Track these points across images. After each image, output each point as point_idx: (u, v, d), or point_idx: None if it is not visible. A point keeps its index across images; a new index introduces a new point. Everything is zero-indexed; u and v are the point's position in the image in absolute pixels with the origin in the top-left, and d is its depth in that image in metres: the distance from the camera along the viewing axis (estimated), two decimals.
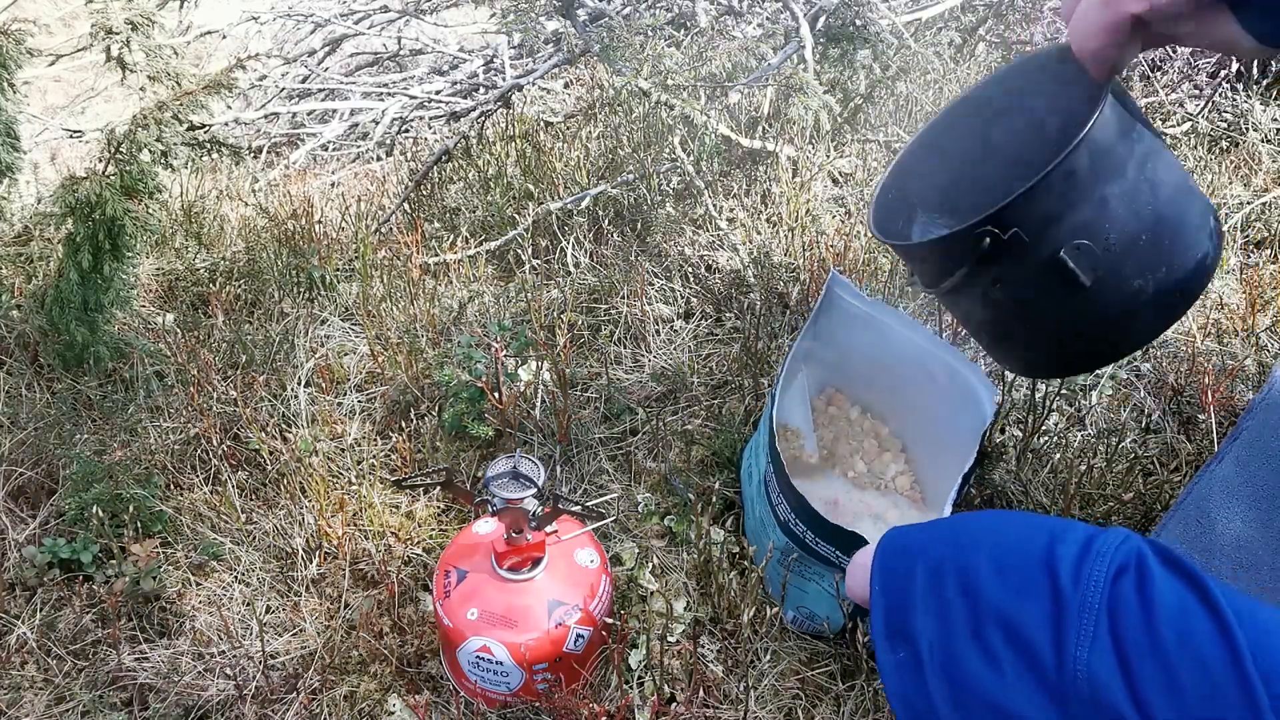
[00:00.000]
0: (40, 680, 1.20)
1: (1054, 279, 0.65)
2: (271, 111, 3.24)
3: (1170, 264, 0.66)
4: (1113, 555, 0.48)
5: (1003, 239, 0.64)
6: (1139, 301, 0.66)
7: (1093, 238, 0.64)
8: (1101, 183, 0.63)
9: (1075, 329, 0.70)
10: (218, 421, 1.54)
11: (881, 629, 0.56)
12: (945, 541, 0.56)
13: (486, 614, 1.07)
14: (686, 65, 2.04)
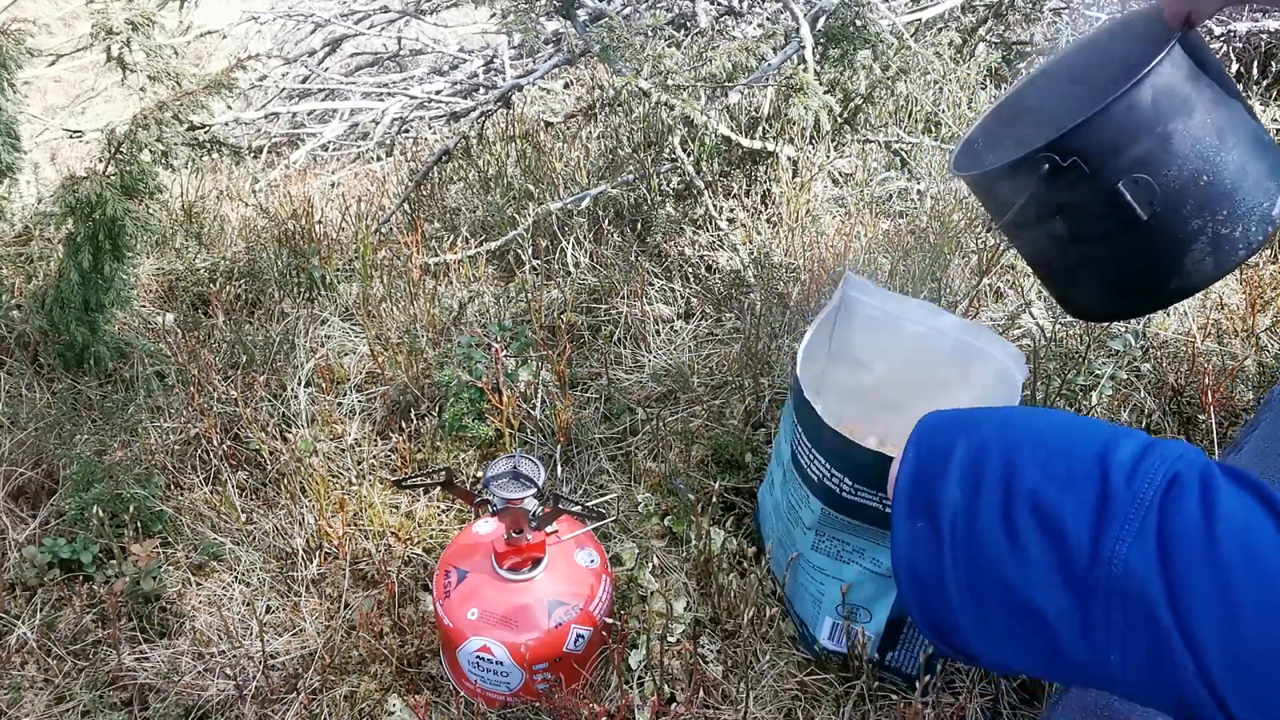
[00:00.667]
0: (40, 680, 1.20)
1: (1112, 211, 0.66)
2: (271, 111, 3.24)
3: (1233, 209, 0.66)
4: (1174, 462, 0.46)
5: (1062, 166, 0.64)
6: (1197, 241, 0.67)
7: (1152, 173, 0.65)
8: (1165, 119, 0.64)
9: (1131, 264, 0.70)
10: (218, 421, 1.54)
11: (906, 495, 0.54)
12: (993, 423, 0.54)
13: (486, 614, 1.07)
14: (686, 65, 2.04)
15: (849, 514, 1.03)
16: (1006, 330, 1.72)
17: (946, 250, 1.89)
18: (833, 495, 1.03)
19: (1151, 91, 0.63)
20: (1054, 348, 1.67)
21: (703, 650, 1.19)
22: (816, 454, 1.04)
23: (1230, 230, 0.67)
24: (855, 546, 1.06)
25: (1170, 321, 1.78)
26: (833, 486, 1.02)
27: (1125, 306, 0.75)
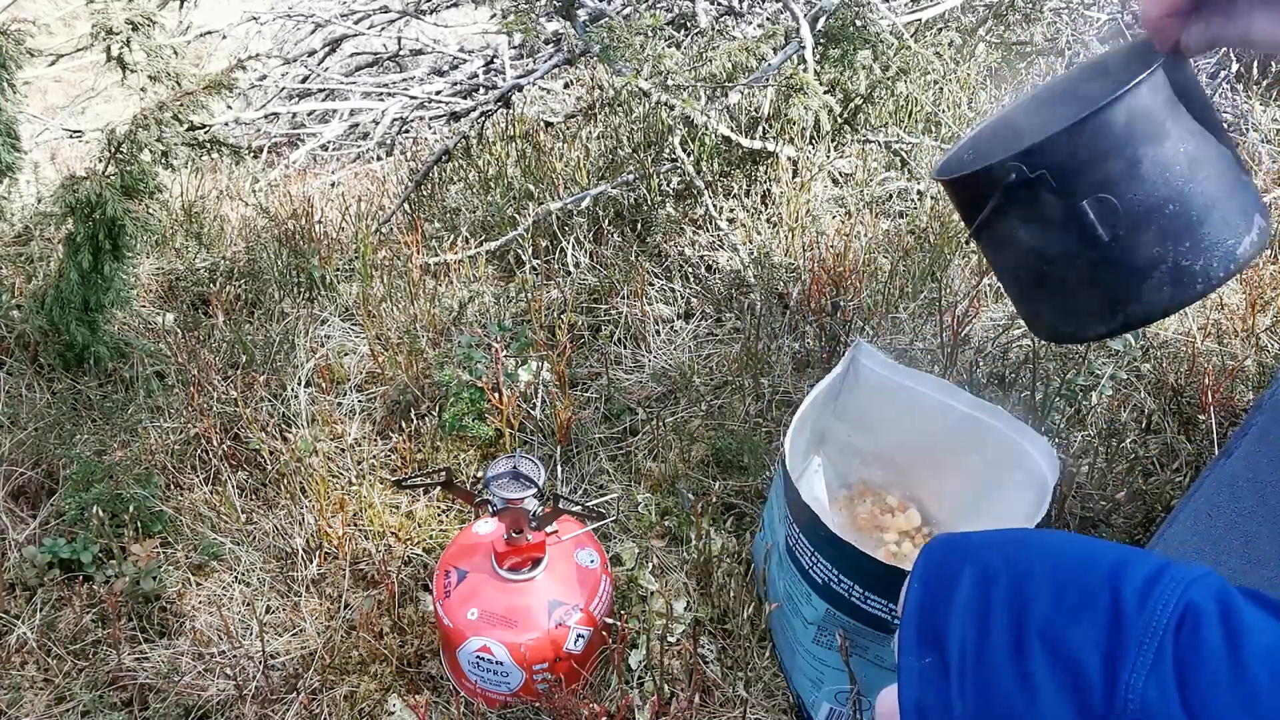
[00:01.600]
0: (40, 680, 1.19)
1: (1075, 228, 0.66)
2: (271, 111, 3.24)
3: (1197, 241, 0.66)
4: (1187, 586, 0.44)
5: (1029, 177, 0.65)
6: (1157, 269, 0.67)
7: (1118, 194, 0.65)
8: (1137, 143, 0.64)
9: (1089, 285, 0.70)
10: (218, 421, 1.54)
11: (913, 628, 0.52)
12: (1001, 550, 0.52)
13: (486, 614, 1.07)
14: (686, 65, 2.04)
15: (856, 618, 1.00)
16: (1006, 330, 1.72)
17: (946, 250, 1.89)
18: (841, 600, 1.00)
19: (1126, 114, 0.64)
20: (1054, 348, 1.67)
21: (703, 650, 1.19)
22: (820, 557, 1.01)
23: (1191, 263, 0.66)
24: (859, 643, 1.04)
25: (1170, 321, 1.78)
26: (841, 592, 1.00)
27: (1083, 327, 0.73)
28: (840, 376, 1.22)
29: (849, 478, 1.33)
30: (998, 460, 1.11)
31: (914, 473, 1.27)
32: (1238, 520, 0.90)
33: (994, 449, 1.12)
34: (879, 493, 1.30)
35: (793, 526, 1.05)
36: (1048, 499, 0.98)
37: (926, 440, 1.20)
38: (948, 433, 1.16)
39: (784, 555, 1.09)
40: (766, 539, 1.19)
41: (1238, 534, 0.89)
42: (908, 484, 1.29)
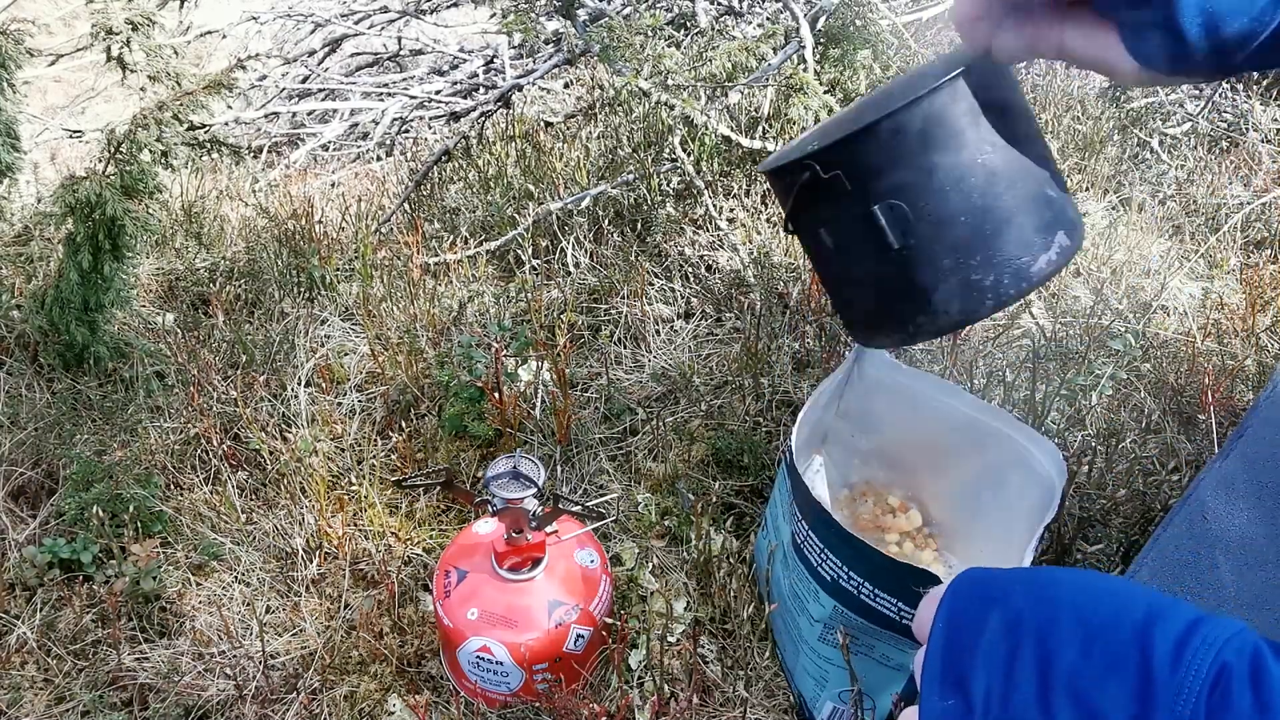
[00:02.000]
0: (40, 680, 1.19)
1: (869, 233, 0.65)
2: (271, 111, 3.25)
3: (989, 257, 0.65)
4: (1222, 646, 0.43)
5: (823, 177, 0.64)
6: (947, 281, 0.65)
7: (910, 202, 0.63)
8: (931, 151, 0.62)
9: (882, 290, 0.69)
10: (218, 421, 1.54)
11: (937, 668, 0.51)
12: (1028, 593, 0.51)
13: (486, 614, 1.07)
14: (686, 65, 2.04)
15: (864, 615, 1.00)
16: (1006, 329, 1.72)
17: None
18: (850, 597, 1.00)
19: (921, 121, 0.62)
20: (1054, 347, 1.67)
21: (702, 650, 1.19)
22: (829, 554, 1.01)
23: (982, 277, 0.65)
24: (865, 642, 1.03)
25: (1170, 321, 1.78)
26: (850, 589, 0.99)
27: (882, 333, 0.72)
28: (844, 375, 1.21)
29: (851, 477, 1.33)
30: (1001, 462, 1.11)
31: (916, 473, 1.27)
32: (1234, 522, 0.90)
33: (997, 451, 1.11)
34: (880, 493, 1.30)
35: (800, 524, 1.05)
36: (1055, 503, 0.98)
37: (929, 441, 1.20)
38: (951, 434, 1.16)
39: (790, 553, 1.09)
40: (770, 538, 1.19)
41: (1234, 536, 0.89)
42: (909, 484, 1.29)
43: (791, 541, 1.08)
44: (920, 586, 0.91)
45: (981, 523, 1.18)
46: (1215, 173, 2.34)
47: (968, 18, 0.56)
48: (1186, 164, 2.44)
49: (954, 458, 1.19)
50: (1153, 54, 0.50)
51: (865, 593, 0.97)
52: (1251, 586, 0.87)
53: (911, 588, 0.92)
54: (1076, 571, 0.52)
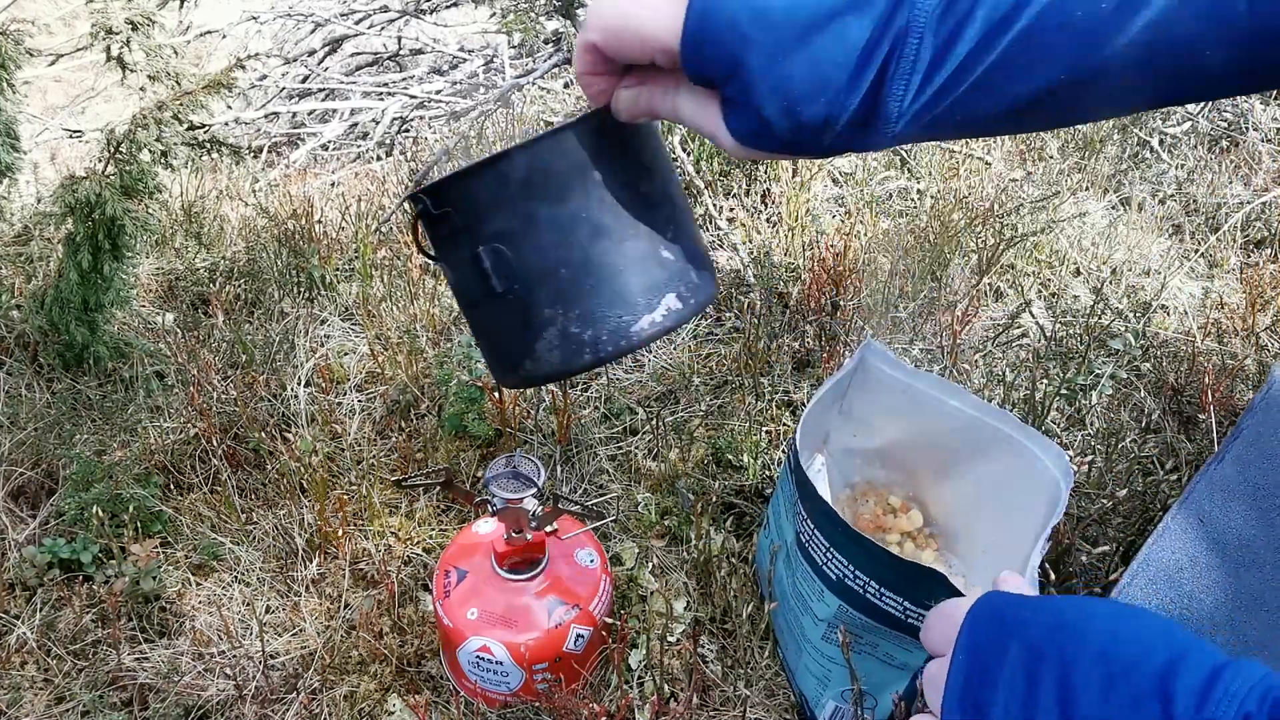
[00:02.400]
0: (40, 680, 1.20)
1: (477, 275, 0.65)
2: (271, 111, 3.25)
3: (586, 311, 0.64)
4: (1244, 698, 0.42)
5: (433, 213, 0.64)
6: (548, 330, 0.65)
7: (513, 249, 0.63)
8: (534, 200, 0.62)
9: (493, 334, 0.69)
10: (218, 421, 1.54)
11: (956, 699, 0.51)
12: (1048, 624, 0.50)
13: (486, 614, 1.07)
14: None
15: (870, 615, 1.00)
16: (1006, 329, 1.72)
17: (946, 250, 1.89)
18: (855, 596, 1.00)
19: (525, 169, 0.61)
20: (1054, 347, 1.67)
21: (702, 650, 1.19)
22: (835, 553, 1.00)
23: (580, 331, 0.65)
24: (868, 641, 1.03)
25: (1170, 321, 1.78)
26: (856, 588, 0.99)
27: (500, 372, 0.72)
28: (848, 375, 1.21)
29: (852, 477, 1.33)
30: (1004, 464, 1.11)
31: (917, 474, 1.27)
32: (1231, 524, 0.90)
33: (1000, 453, 1.11)
34: (881, 493, 1.30)
35: (805, 522, 1.05)
36: (1060, 505, 0.98)
37: (931, 441, 1.20)
38: (953, 435, 1.16)
39: (795, 552, 1.09)
40: (773, 538, 1.19)
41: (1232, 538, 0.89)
42: (911, 485, 1.29)
43: (796, 540, 1.08)
44: (930, 598, 0.91)
45: (983, 524, 1.18)
46: (1215, 172, 2.34)
47: (585, 73, 0.56)
48: (1186, 163, 2.44)
49: (956, 459, 1.19)
50: (743, 132, 0.50)
51: (871, 592, 0.97)
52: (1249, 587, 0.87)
53: (918, 588, 0.92)
54: (1098, 602, 0.51)
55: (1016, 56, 0.44)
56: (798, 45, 0.46)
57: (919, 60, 0.45)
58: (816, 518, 1.02)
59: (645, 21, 0.49)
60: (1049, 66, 0.44)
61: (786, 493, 1.13)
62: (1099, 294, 1.81)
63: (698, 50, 0.48)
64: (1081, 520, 1.19)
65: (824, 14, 0.45)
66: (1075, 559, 1.21)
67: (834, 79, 0.46)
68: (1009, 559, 1.06)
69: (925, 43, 0.45)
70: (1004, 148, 2.41)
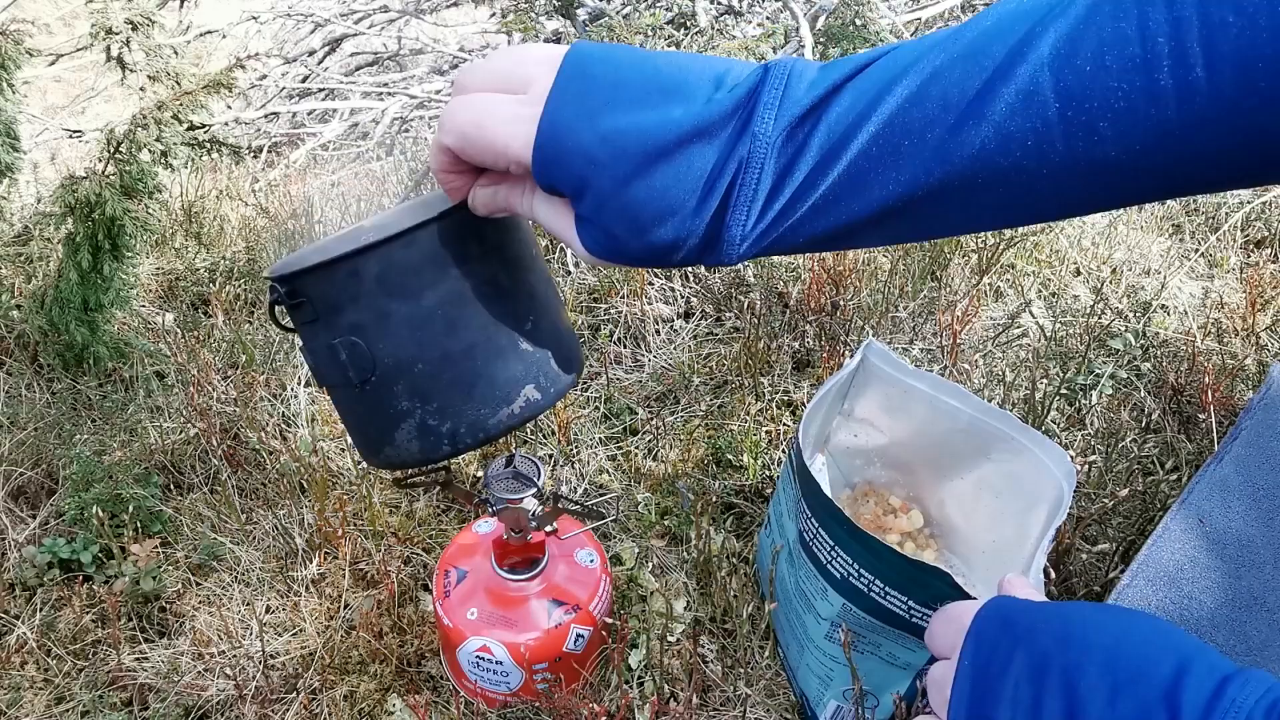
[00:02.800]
0: (40, 680, 1.20)
1: (334, 363, 0.65)
2: (271, 111, 3.25)
3: (443, 405, 0.65)
4: (1250, 709, 0.43)
5: (289, 303, 0.64)
6: (407, 421, 0.66)
7: (369, 342, 0.64)
8: (388, 296, 0.62)
9: (352, 419, 0.70)
10: (218, 421, 1.54)
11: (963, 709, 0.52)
12: (1054, 634, 0.50)
13: (486, 614, 1.07)
14: None
15: (874, 614, 0.99)
16: (1006, 329, 1.72)
17: (946, 249, 1.89)
18: (861, 596, 0.99)
19: (378, 265, 0.61)
20: (1054, 347, 1.67)
21: (702, 650, 1.19)
22: (840, 552, 1.00)
23: (438, 424, 0.66)
24: (871, 641, 1.03)
25: (1170, 321, 1.78)
26: (860, 587, 0.99)
27: (364, 453, 0.72)
28: (850, 375, 1.21)
29: (853, 478, 1.33)
30: (1006, 465, 1.10)
31: (918, 474, 1.27)
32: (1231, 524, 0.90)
33: (1002, 454, 1.11)
34: (882, 493, 1.30)
35: (809, 521, 1.04)
36: (1064, 506, 0.97)
37: (933, 442, 1.20)
38: (955, 435, 1.16)
39: (797, 551, 1.08)
40: (774, 538, 1.19)
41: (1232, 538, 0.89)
42: (911, 485, 1.29)
43: (799, 539, 1.08)
44: (935, 597, 0.91)
45: (984, 524, 1.18)
46: None
47: (441, 171, 0.56)
48: None
49: (957, 459, 1.19)
50: (595, 246, 0.51)
51: (876, 591, 0.96)
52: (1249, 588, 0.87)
53: (923, 587, 0.92)
54: (1104, 609, 0.52)
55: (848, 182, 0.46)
56: (646, 172, 0.47)
57: (759, 187, 0.47)
58: (821, 516, 1.02)
59: (498, 134, 0.50)
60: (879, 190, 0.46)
61: (789, 492, 1.13)
62: (1099, 294, 1.81)
63: (548, 169, 0.49)
64: (1081, 520, 1.19)
65: (672, 142, 0.47)
66: (1075, 559, 1.21)
67: (681, 205, 0.48)
68: (1010, 559, 1.06)
69: (766, 170, 0.47)
70: None
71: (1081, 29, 0.40)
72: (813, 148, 0.46)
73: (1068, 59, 0.40)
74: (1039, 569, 0.90)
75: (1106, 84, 0.40)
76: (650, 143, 0.46)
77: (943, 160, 0.44)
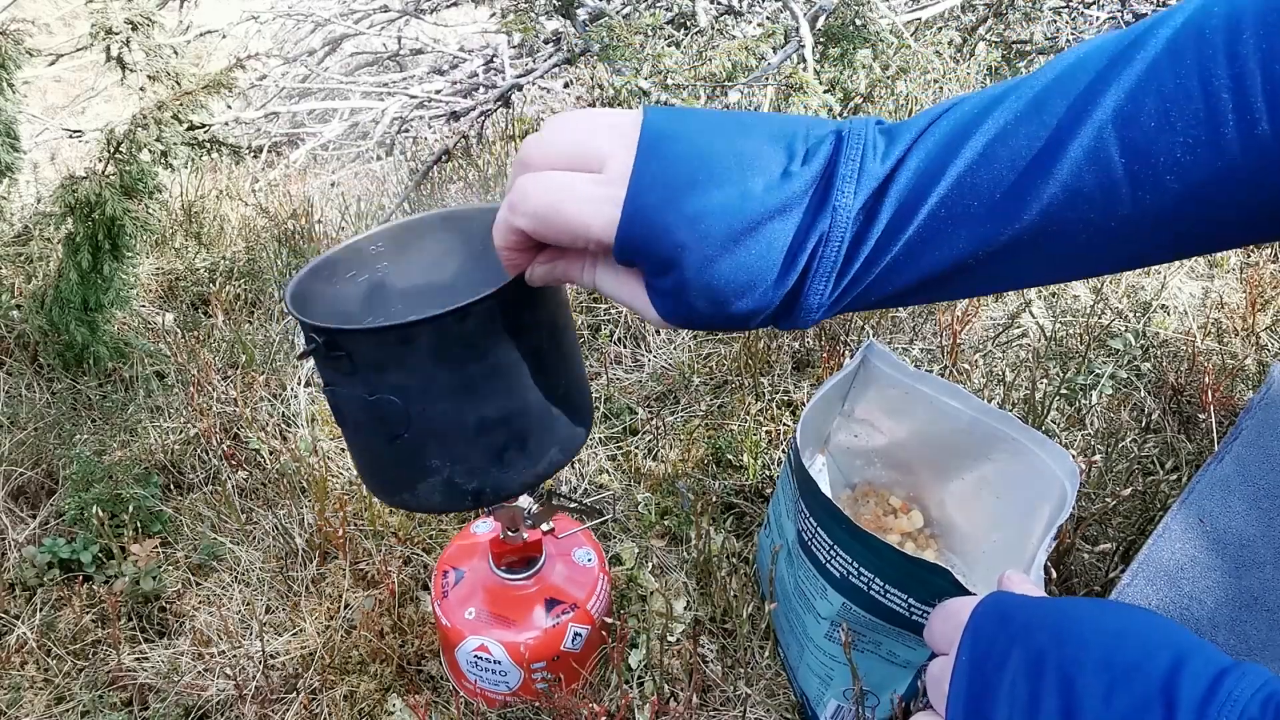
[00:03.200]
0: (40, 680, 1.20)
1: (369, 417, 0.66)
2: (271, 111, 3.25)
3: (475, 467, 0.68)
4: (1247, 702, 0.43)
5: (327, 354, 0.65)
6: (434, 476, 0.68)
7: (407, 402, 0.65)
8: (436, 365, 0.63)
9: (376, 460, 0.72)
10: (218, 421, 1.54)
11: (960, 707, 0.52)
12: (1050, 630, 0.51)
13: (484, 613, 1.07)
14: (686, 65, 2.04)
15: (873, 612, 0.99)
16: (1006, 329, 1.72)
17: None
18: (860, 594, 0.99)
19: (433, 336, 0.62)
20: (1054, 347, 1.67)
21: (702, 650, 1.19)
22: (839, 550, 1.00)
23: (465, 483, 0.68)
24: (871, 639, 1.02)
25: (1170, 321, 1.78)
26: (860, 585, 0.99)
27: (374, 491, 0.75)
28: (850, 375, 1.21)
29: (853, 478, 1.32)
30: (1006, 465, 1.10)
31: (918, 474, 1.27)
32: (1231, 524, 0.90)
33: (1002, 454, 1.11)
34: (882, 494, 1.30)
35: (808, 520, 1.04)
36: (1067, 507, 0.97)
37: (933, 443, 1.20)
38: (955, 435, 1.16)
39: (797, 551, 1.08)
40: (774, 538, 1.19)
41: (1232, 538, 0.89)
42: (911, 485, 1.29)
43: (798, 539, 1.08)
44: (935, 594, 0.90)
45: (984, 524, 1.18)
46: None
47: (509, 249, 0.57)
48: None
49: (958, 460, 1.18)
50: (672, 316, 0.52)
51: (875, 589, 0.96)
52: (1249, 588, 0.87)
53: (922, 584, 0.91)
54: (1100, 604, 0.52)
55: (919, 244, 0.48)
56: (730, 250, 0.48)
57: (837, 258, 0.48)
58: (820, 515, 1.01)
59: (577, 216, 0.50)
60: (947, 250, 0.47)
61: (788, 491, 1.13)
62: (1099, 294, 1.81)
63: (632, 252, 0.49)
64: (1082, 520, 1.19)
65: (755, 219, 0.47)
66: (1076, 559, 1.21)
67: (762, 279, 0.48)
68: (1011, 560, 1.05)
69: (844, 241, 0.48)
70: None
71: (1143, 85, 0.41)
72: (884, 214, 0.47)
73: (1132, 117, 0.41)
74: (1039, 566, 0.90)
75: (1171, 139, 0.41)
76: (735, 222, 0.47)
77: (1010, 219, 0.45)
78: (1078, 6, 2.86)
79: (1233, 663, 0.45)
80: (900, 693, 1.02)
